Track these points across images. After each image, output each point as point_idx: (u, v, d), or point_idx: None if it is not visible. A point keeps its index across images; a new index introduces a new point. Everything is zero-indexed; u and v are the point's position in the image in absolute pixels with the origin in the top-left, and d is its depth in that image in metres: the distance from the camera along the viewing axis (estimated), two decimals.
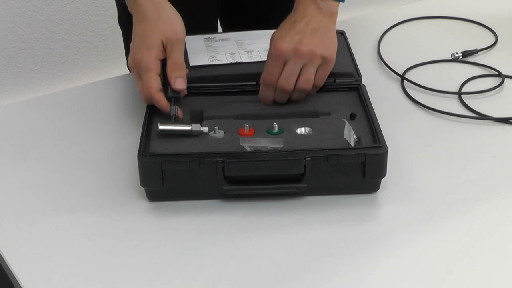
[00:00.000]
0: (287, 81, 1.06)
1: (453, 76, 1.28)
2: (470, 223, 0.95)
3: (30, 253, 0.91)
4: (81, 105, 1.21)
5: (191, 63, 1.16)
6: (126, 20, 1.29)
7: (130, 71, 1.13)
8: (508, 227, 0.95)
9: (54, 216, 0.97)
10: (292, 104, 1.09)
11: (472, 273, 0.88)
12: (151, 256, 0.90)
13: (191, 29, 1.25)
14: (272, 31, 1.25)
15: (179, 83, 1.04)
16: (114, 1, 1.34)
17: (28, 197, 1.00)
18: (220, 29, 1.49)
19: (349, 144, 0.99)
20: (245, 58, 1.18)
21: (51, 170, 1.05)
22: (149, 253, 0.91)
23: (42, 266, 0.89)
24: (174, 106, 1.04)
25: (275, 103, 1.09)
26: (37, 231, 0.94)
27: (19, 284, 0.87)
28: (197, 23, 1.31)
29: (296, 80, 1.06)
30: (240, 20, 1.44)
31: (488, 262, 0.89)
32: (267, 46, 1.21)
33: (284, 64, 1.06)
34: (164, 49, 1.05)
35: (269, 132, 1.01)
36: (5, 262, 0.90)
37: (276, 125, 1.01)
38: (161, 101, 1.03)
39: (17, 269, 0.88)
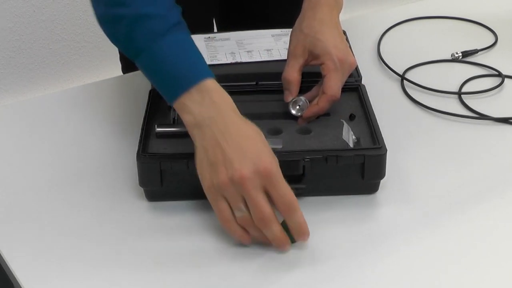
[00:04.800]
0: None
1: (453, 76, 1.28)
2: (469, 224, 0.95)
3: (30, 253, 0.91)
4: (81, 105, 1.21)
5: None
6: None
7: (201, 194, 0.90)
8: (508, 227, 0.95)
9: (54, 216, 0.97)
10: None
11: (472, 273, 0.87)
12: (150, 256, 0.90)
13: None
14: (273, 30, 1.26)
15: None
16: None
17: (28, 197, 1.01)
18: (215, 28, 1.49)
19: (347, 145, 0.99)
20: (245, 58, 1.18)
21: (51, 170, 1.05)
22: (148, 253, 0.91)
23: (42, 266, 0.89)
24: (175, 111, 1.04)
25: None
26: (37, 231, 0.95)
27: (19, 284, 0.87)
28: (193, 22, 1.31)
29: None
30: (237, 19, 1.44)
31: (487, 262, 0.89)
32: (267, 46, 1.21)
33: None
34: None
35: (284, 224, 0.91)
36: (5, 262, 0.90)
37: None
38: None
39: (17, 269, 0.88)
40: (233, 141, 0.86)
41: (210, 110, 0.88)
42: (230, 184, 0.85)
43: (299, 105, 1.04)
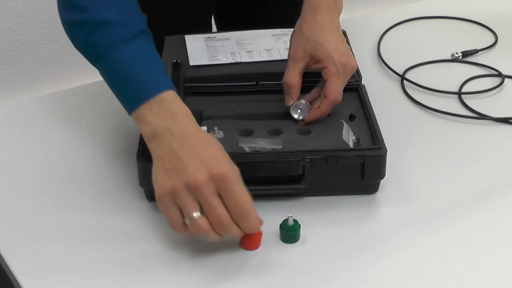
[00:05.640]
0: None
1: (453, 76, 1.28)
2: (469, 224, 0.95)
3: (30, 253, 0.91)
4: (81, 105, 1.21)
5: (191, 63, 1.16)
6: None
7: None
8: (508, 227, 0.95)
9: (54, 216, 0.97)
10: None
11: (472, 273, 0.88)
12: (150, 256, 0.90)
13: (185, 28, 1.25)
14: (273, 30, 1.26)
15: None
16: None
17: (28, 197, 1.01)
18: (214, 28, 1.48)
19: (347, 145, 0.99)
20: (245, 58, 1.18)
21: (51, 170, 1.06)
22: (148, 253, 0.91)
23: (42, 266, 0.89)
24: None
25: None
26: (37, 231, 0.95)
27: (19, 284, 0.87)
28: (192, 21, 1.30)
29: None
30: (235, 19, 1.44)
31: (488, 262, 0.89)
32: (267, 46, 1.21)
33: None
34: None
35: (284, 224, 0.93)
36: (5, 262, 0.90)
37: (292, 218, 0.92)
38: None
39: (17, 269, 0.89)
40: (188, 148, 0.86)
41: (167, 121, 0.87)
42: (184, 189, 0.84)
43: (300, 109, 1.04)
